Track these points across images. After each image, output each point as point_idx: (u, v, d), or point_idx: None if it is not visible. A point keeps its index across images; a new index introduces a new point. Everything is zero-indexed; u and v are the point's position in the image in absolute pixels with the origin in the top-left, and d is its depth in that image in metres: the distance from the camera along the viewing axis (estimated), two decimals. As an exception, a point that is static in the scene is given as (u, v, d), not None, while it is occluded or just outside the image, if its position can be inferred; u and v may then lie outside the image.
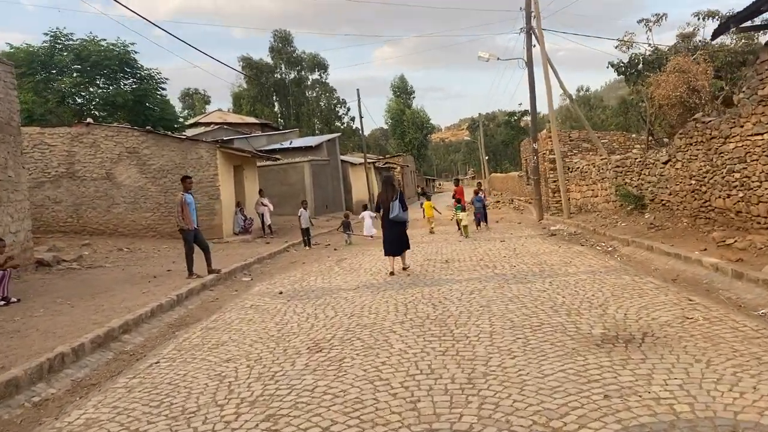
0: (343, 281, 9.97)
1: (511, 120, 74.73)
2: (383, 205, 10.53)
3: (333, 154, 32.03)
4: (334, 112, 72.83)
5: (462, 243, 14.91)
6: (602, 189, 16.79)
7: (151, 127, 20.86)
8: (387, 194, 10.50)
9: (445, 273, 9.98)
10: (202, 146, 18.66)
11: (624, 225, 13.35)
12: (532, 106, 20.65)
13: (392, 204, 10.33)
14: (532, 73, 20.44)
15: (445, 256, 12.25)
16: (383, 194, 10.63)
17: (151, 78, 22.99)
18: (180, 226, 10.90)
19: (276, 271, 12.34)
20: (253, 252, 15.16)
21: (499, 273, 9.56)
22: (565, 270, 9.42)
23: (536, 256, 11.36)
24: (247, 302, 8.84)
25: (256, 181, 22.59)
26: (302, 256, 14.77)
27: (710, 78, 13.40)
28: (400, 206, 10.34)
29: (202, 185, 18.50)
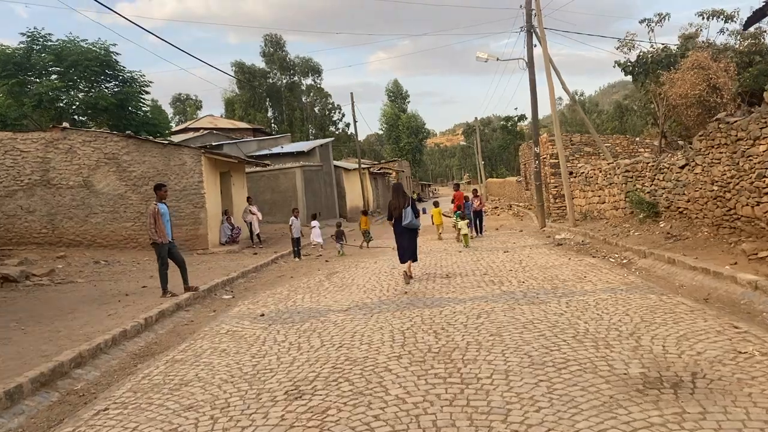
0: (333, 300, 8.96)
1: (507, 124, 74.02)
2: (395, 213, 10.42)
3: (326, 159, 31.03)
4: (329, 118, 72.03)
5: (463, 254, 13.93)
6: (610, 195, 15.85)
7: (135, 132, 19.85)
8: (398, 201, 10.40)
9: (447, 290, 8.99)
10: (185, 152, 17.64)
11: (637, 234, 12.39)
12: (534, 108, 19.73)
13: (404, 211, 10.25)
14: (533, 73, 19.54)
15: (445, 270, 11.26)
16: (394, 201, 10.50)
17: (134, 81, 21.92)
18: (153, 240, 9.86)
19: (261, 286, 11.32)
20: (238, 264, 14.13)
21: (507, 291, 8.57)
22: (581, 287, 8.44)
23: (546, 269, 10.38)
24: (224, 326, 7.83)
25: (245, 188, 21.58)
26: (291, 269, 13.75)
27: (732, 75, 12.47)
28: (413, 213, 10.28)
29: (186, 193, 17.50)
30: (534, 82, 19.50)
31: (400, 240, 10.50)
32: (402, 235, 10.44)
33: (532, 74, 19.52)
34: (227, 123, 44.17)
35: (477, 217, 19.16)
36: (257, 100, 64.41)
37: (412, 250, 10.40)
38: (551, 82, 17.87)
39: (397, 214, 10.38)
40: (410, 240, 10.44)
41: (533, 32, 19.25)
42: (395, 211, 10.42)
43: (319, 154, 29.86)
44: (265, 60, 64.13)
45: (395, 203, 10.46)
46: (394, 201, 10.55)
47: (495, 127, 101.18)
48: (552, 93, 17.77)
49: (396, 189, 10.82)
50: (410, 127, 77.25)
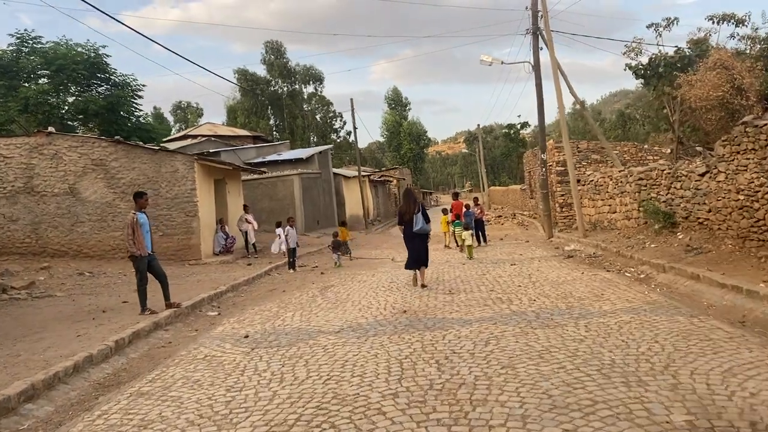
0: (325, 319, 8.16)
1: (510, 132, 73.22)
2: (405, 218, 10.51)
3: (325, 166, 30.28)
4: (330, 126, 71.41)
5: (467, 266, 13.12)
6: (622, 204, 15.05)
7: (126, 137, 19.12)
8: (409, 207, 10.50)
9: (451, 309, 8.18)
10: (178, 158, 16.89)
11: (654, 247, 11.58)
12: (540, 113, 18.96)
13: (416, 217, 10.34)
14: (540, 77, 18.79)
15: (448, 284, 10.45)
16: (405, 207, 10.61)
17: (126, 85, 21.23)
18: (131, 252, 9.08)
19: (250, 302, 10.52)
20: (229, 277, 13.34)
21: (517, 311, 7.76)
22: (599, 307, 7.62)
23: (558, 285, 9.57)
24: (203, 350, 7.03)
25: (241, 195, 20.82)
26: (284, 281, 12.95)
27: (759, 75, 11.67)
28: (424, 219, 10.38)
29: (178, 201, 16.73)
30: (540, 86, 18.76)
31: (409, 245, 10.56)
32: (412, 240, 10.49)
33: (539, 78, 18.78)
34: (227, 130, 43.49)
35: (478, 226, 18.63)
36: (259, 108, 63.78)
37: (423, 256, 10.45)
38: (559, 86, 17.13)
39: (408, 219, 10.44)
40: (421, 245, 10.48)
41: (539, 35, 18.52)
42: (406, 216, 10.48)
43: (318, 162, 29.11)
44: (266, 67, 63.59)
45: (406, 209, 10.54)
46: (404, 206, 10.64)
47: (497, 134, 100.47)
48: (560, 97, 17.03)
49: (407, 195, 10.96)
50: (411, 134, 76.51)
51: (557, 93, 17.04)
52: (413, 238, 10.49)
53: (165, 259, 16.84)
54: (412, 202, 10.62)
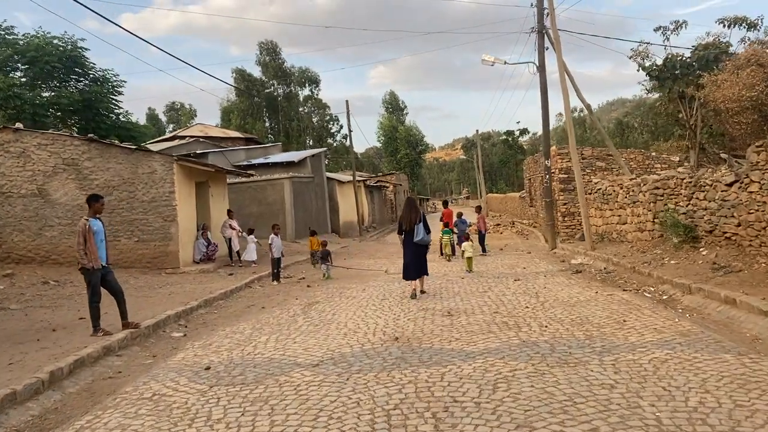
0: (304, 347, 6.99)
1: (508, 139, 72.34)
2: (406, 228, 10.36)
3: (318, 170, 29.11)
4: (327, 129, 70.30)
5: (466, 280, 11.98)
6: (633, 215, 13.95)
7: (104, 136, 17.94)
8: (410, 216, 10.35)
9: (450, 336, 7.02)
10: (155, 158, 15.72)
11: (674, 263, 10.46)
12: (545, 117, 17.87)
13: (416, 227, 10.22)
14: (545, 79, 17.71)
15: (447, 303, 9.30)
16: (406, 216, 10.43)
17: (105, 80, 20.03)
18: (81, 264, 7.92)
19: (223, 320, 9.34)
20: (205, 289, 12.17)
21: (527, 340, 6.62)
22: (625, 338, 6.48)
23: (571, 307, 8.43)
24: (153, 385, 5.86)
25: (226, 200, 19.64)
26: (265, 296, 11.77)
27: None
28: (425, 230, 10.28)
29: (155, 204, 15.56)
30: (545, 87, 17.69)
31: (408, 254, 10.37)
32: (412, 250, 10.31)
33: (544, 79, 17.70)
34: (218, 132, 42.29)
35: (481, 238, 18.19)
36: (255, 110, 62.63)
37: (422, 266, 10.35)
38: (565, 88, 16.05)
39: (408, 228, 10.30)
40: (420, 256, 10.35)
41: (545, 33, 17.46)
42: (406, 225, 10.33)
43: (311, 165, 27.94)
44: (261, 69, 62.45)
45: (407, 217, 10.37)
46: (406, 215, 10.45)
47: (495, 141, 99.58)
48: (566, 99, 15.94)
49: (409, 203, 10.80)
50: (408, 139, 75.38)
51: (564, 95, 15.96)
52: (413, 249, 10.30)
53: (140, 267, 15.70)
54: (413, 211, 10.44)
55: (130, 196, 15.53)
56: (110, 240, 15.65)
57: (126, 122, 19.90)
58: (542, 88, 17.71)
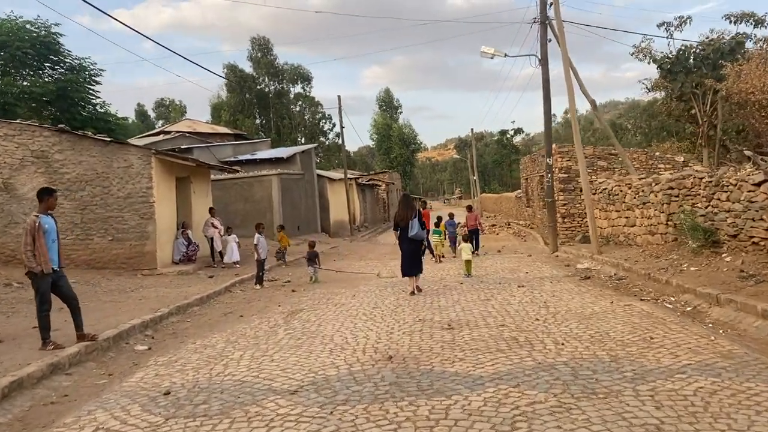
0: (281, 368, 6.01)
1: (503, 138, 71.52)
2: (402, 224, 10.50)
3: (308, 167, 28.06)
4: (319, 127, 69.21)
5: (465, 286, 11.02)
6: (644, 217, 13.06)
7: (81, 127, 16.86)
8: (406, 213, 10.49)
9: (452, 356, 6.06)
10: (132, 151, 14.68)
11: (694, 270, 9.55)
12: (547, 111, 16.96)
13: (411, 222, 10.36)
14: (547, 72, 16.81)
15: (446, 314, 8.33)
16: (402, 212, 10.58)
17: (82, 69, 18.87)
18: (29, 268, 6.90)
19: (194, 331, 8.34)
20: (180, 293, 11.15)
21: (543, 362, 5.67)
22: (657, 359, 5.55)
23: (586, 320, 7.49)
24: (98, 416, 4.88)
25: (209, 196, 18.59)
26: (245, 302, 10.75)
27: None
28: (419, 225, 10.44)
29: (131, 201, 14.52)
30: (548, 80, 16.78)
31: (405, 251, 10.51)
32: (408, 246, 10.46)
33: (546, 72, 16.79)
34: (207, 128, 41.12)
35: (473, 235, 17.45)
36: (245, 106, 61.44)
37: (417, 261, 10.52)
38: (570, 83, 15.14)
39: (404, 225, 10.44)
40: (415, 250, 10.54)
41: (548, 24, 16.55)
42: (402, 222, 10.49)
43: (301, 162, 26.90)
44: (252, 65, 61.29)
45: (402, 214, 10.52)
46: (401, 212, 10.60)
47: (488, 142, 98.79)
48: (571, 94, 15.02)
49: (404, 200, 10.98)
50: (402, 137, 74.37)
51: (568, 90, 15.05)
52: (408, 244, 10.46)
53: (114, 268, 14.65)
54: (408, 208, 10.59)
55: (104, 192, 14.50)
56: (83, 239, 14.71)
57: (104, 113, 18.75)
58: (544, 82, 16.80)
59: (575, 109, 14.93)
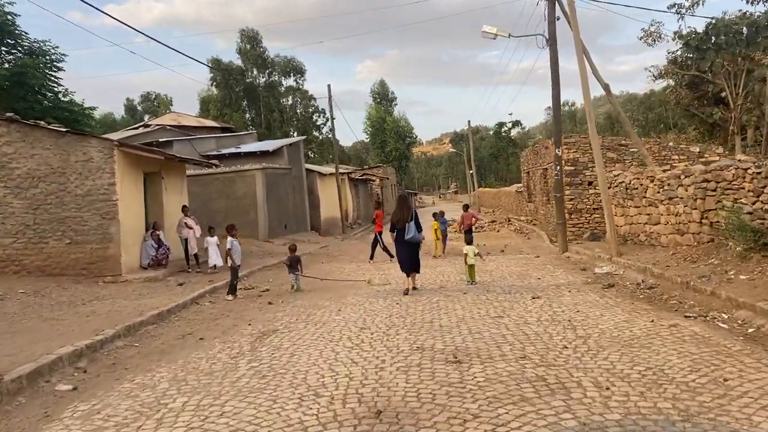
0: (232, 428, 4.42)
1: (500, 131, 69.88)
2: (398, 225, 10.34)
3: (296, 161, 26.38)
4: (312, 121, 67.40)
5: (469, 297, 9.44)
6: (670, 214, 11.52)
7: (40, 118, 15.17)
8: (402, 214, 10.33)
9: (461, 410, 4.48)
10: (92, 143, 13.03)
11: (746, 279, 8.01)
12: (555, 95, 15.37)
13: (408, 225, 10.21)
14: (556, 52, 15.22)
15: (450, 341, 6.73)
16: (398, 213, 10.40)
17: (42, 53, 17.11)
18: None
19: (138, 361, 6.74)
20: (138, 307, 9.54)
21: (589, 422, 4.10)
22: (750, 421, 4.00)
23: (628, 347, 5.92)
24: None
25: (184, 193, 16.96)
26: (210, 318, 9.14)
27: None
28: (416, 227, 10.32)
29: (91, 199, 12.90)
30: (556, 62, 15.21)
31: (401, 253, 10.44)
32: (404, 248, 10.34)
33: (554, 53, 15.20)
34: (193, 121, 39.38)
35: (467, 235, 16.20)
36: (233, 100, 59.66)
37: (414, 263, 10.38)
38: (583, 64, 13.57)
39: (401, 226, 10.28)
40: (413, 253, 10.39)
41: (556, 1, 14.96)
42: (398, 223, 10.31)
43: (288, 156, 25.22)
44: (241, 57, 59.47)
45: (399, 215, 10.34)
46: (398, 213, 10.41)
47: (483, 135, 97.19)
48: (584, 76, 13.45)
49: (401, 200, 10.88)
50: (397, 131, 72.58)
51: (581, 71, 13.46)
52: (405, 246, 10.32)
53: (73, 274, 12.99)
54: (405, 208, 10.40)
55: (60, 189, 12.87)
56: (36, 242, 13.04)
57: (68, 102, 16.97)
58: (552, 63, 15.22)
59: (589, 94, 13.34)
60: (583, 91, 13.34)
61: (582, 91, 13.34)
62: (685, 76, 26.26)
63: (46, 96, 16.68)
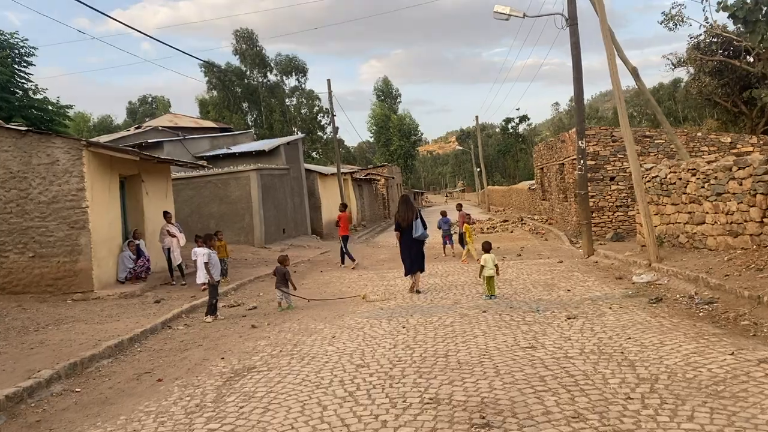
0: None
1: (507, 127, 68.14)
2: (403, 224, 10.65)
3: (294, 161, 24.81)
4: (317, 122, 65.89)
5: (490, 318, 7.88)
6: (719, 212, 9.93)
7: (8, 118, 13.74)
8: (407, 214, 10.63)
9: None
10: (57, 144, 11.57)
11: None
12: (577, 79, 13.77)
13: (414, 223, 10.52)
14: (577, 34, 13.64)
15: (472, 388, 5.18)
16: (403, 213, 10.70)
17: (11, 47, 15.61)
18: None
19: (73, 415, 5.23)
20: (97, 334, 8.06)
21: None
22: None
23: (717, 399, 4.35)
24: None
25: (169, 198, 15.48)
26: (178, 349, 7.61)
27: None
28: (422, 226, 10.55)
29: (57, 206, 11.46)
30: (578, 44, 13.64)
31: (406, 252, 10.67)
32: (410, 246, 10.60)
33: (575, 35, 13.62)
34: (190, 121, 37.92)
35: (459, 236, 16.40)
36: (232, 101, 58.30)
37: (419, 261, 10.61)
38: (610, 44, 11.99)
39: (406, 225, 10.58)
40: (418, 251, 10.63)
41: (576, -25, 13.38)
42: (404, 222, 10.61)
43: (286, 155, 23.66)
44: (239, 58, 58.17)
45: (403, 215, 10.65)
46: (402, 213, 10.72)
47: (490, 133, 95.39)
48: (611, 57, 11.86)
49: (404, 201, 11.08)
50: (402, 129, 70.88)
51: (608, 53, 11.86)
52: (411, 245, 10.59)
53: (37, 292, 11.48)
54: (409, 209, 10.73)
55: (21, 196, 11.44)
56: (-6, 255, 11.62)
57: (40, 100, 15.45)
58: (574, 45, 13.64)
59: (618, 77, 11.74)
60: (611, 74, 11.74)
61: (610, 71, 11.74)
62: (708, 62, 24.62)
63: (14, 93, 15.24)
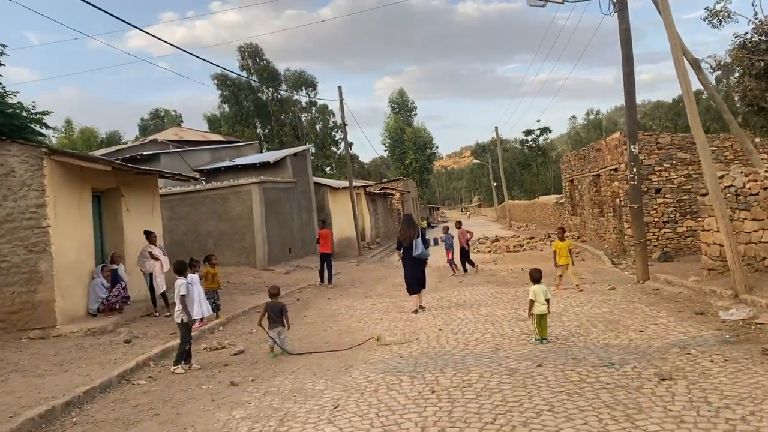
0: None
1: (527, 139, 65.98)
2: (405, 243, 10.66)
3: (302, 174, 22.88)
4: (330, 136, 64.34)
5: (549, 375, 5.80)
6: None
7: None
8: (409, 232, 10.65)
9: None
10: (13, 151, 9.76)
11: None
12: (627, 73, 11.70)
13: (415, 242, 10.51)
14: (627, 20, 11.62)
15: None
16: (405, 232, 10.74)
17: (-28, 45, 13.90)
18: None
19: None
20: (26, 394, 6.12)
21: None
22: None
23: None
24: None
25: (155, 216, 13.59)
26: (126, 420, 5.60)
27: None
28: (423, 244, 10.56)
29: (12, 225, 9.66)
30: (628, 31, 11.62)
31: (408, 270, 10.65)
32: (412, 265, 10.61)
33: (625, 21, 11.61)
34: (197, 135, 36.35)
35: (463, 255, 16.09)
36: (244, 116, 57.09)
37: (421, 279, 10.67)
38: (673, 29, 9.96)
39: (407, 244, 10.60)
40: (420, 270, 10.69)
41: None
42: (405, 241, 10.64)
43: (292, 168, 21.76)
44: (246, 74, 57.12)
45: (405, 234, 10.69)
46: (404, 232, 10.76)
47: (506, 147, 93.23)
48: (677, 46, 9.82)
49: (406, 220, 11.07)
50: (417, 142, 68.89)
51: (670, 38, 9.83)
52: (413, 263, 10.61)
53: (-13, 328, 9.72)
54: (411, 228, 10.74)
55: (-30, 214, 9.59)
56: (-62, 285, 9.79)
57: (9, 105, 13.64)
58: (623, 36, 11.60)
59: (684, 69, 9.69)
60: (677, 63, 9.69)
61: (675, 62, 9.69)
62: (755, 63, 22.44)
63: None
